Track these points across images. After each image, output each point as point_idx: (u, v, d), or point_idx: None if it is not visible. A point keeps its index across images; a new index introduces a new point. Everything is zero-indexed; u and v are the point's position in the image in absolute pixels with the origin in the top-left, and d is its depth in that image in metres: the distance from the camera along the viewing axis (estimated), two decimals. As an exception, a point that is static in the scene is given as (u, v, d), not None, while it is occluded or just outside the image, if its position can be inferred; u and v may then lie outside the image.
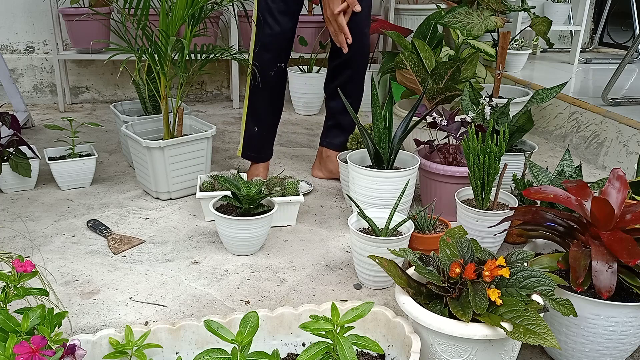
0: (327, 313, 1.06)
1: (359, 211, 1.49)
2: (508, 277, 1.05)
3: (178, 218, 1.86)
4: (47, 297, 1.05)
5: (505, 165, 1.60)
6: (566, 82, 2.01)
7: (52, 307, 0.98)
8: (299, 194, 1.78)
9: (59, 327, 0.95)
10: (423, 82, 2.19)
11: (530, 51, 3.44)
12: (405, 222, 1.49)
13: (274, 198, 1.69)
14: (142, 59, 1.83)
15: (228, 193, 1.66)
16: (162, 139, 1.93)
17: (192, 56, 1.92)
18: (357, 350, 1.12)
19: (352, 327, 0.99)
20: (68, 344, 0.90)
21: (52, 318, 0.94)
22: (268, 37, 1.91)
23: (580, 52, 3.70)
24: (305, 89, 3.20)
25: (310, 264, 1.59)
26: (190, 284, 1.48)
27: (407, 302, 1.07)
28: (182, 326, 1.11)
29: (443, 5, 3.07)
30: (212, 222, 1.81)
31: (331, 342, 0.97)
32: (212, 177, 1.83)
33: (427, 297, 1.10)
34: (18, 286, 0.98)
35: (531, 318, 0.97)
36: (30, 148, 2.04)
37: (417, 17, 3.39)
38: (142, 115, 2.27)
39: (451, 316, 1.02)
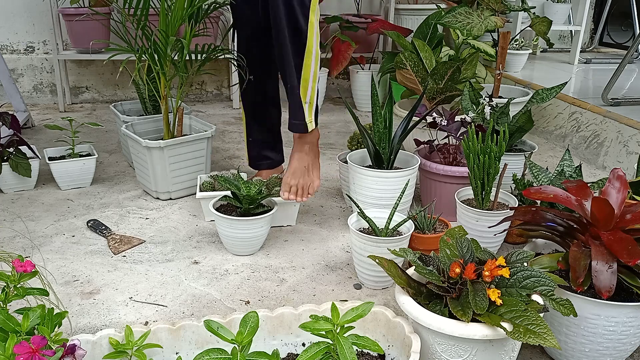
0: (327, 313, 1.06)
1: (359, 211, 1.49)
2: (508, 277, 1.05)
3: (178, 218, 1.86)
4: (47, 297, 1.05)
5: (505, 165, 1.60)
6: (566, 82, 2.01)
7: (52, 307, 0.98)
8: (299, 194, 1.78)
9: (59, 327, 0.95)
10: (423, 82, 2.19)
11: (530, 51, 3.44)
12: (405, 222, 1.49)
13: (274, 198, 1.69)
14: (142, 59, 1.83)
15: (228, 193, 1.66)
16: (162, 139, 1.93)
17: (192, 56, 1.92)
18: (357, 350, 1.12)
19: (352, 327, 0.99)
20: (68, 344, 0.90)
21: (52, 318, 0.94)
22: (239, 47, 1.89)
23: (580, 52, 3.70)
24: (305, 89, 3.20)
25: (310, 264, 1.59)
26: (190, 284, 1.48)
27: (407, 302, 1.07)
28: (182, 326, 1.11)
29: (443, 5, 3.07)
30: (212, 222, 1.81)
31: (331, 342, 0.97)
32: (212, 177, 1.83)
33: (427, 297, 1.10)
34: (18, 286, 0.98)
35: (531, 318, 0.97)
36: (30, 148, 2.04)
37: (417, 17, 3.39)
38: (142, 115, 2.27)
39: (451, 316, 1.02)
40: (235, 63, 1.93)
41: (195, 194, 1.87)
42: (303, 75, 1.69)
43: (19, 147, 2.01)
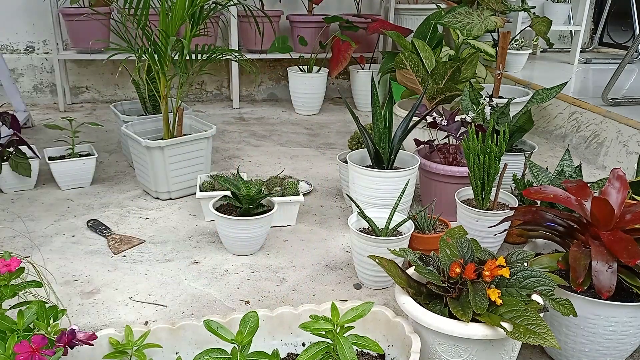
0: (327, 313, 1.05)
1: (359, 211, 1.49)
2: (508, 277, 1.05)
3: (178, 218, 1.86)
4: (46, 297, 1.05)
5: (505, 165, 1.60)
6: (566, 82, 2.01)
7: (50, 305, 0.98)
8: (299, 194, 1.78)
9: (54, 321, 0.95)
10: (423, 82, 2.19)
11: (530, 51, 3.44)
12: (405, 222, 1.49)
13: (274, 198, 1.69)
14: (142, 58, 1.83)
15: (228, 193, 1.66)
16: (162, 139, 1.93)
17: (193, 56, 1.92)
18: (357, 350, 1.12)
19: (352, 327, 0.99)
20: (68, 329, 0.89)
21: (46, 312, 0.93)
22: None
23: (580, 52, 3.70)
24: (305, 88, 3.20)
25: (310, 263, 1.59)
26: (190, 284, 1.48)
27: (407, 302, 1.07)
28: (182, 326, 1.11)
29: (443, 5, 3.07)
30: (212, 222, 1.81)
31: (331, 342, 0.97)
32: (212, 177, 1.83)
33: (427, 297, 1.10)
34: (9, 285, 0.98)
35: (531, 318, 0.97)
36: (30, 148, 2.03)
37: (417, 17, 3.39)
38: (142, 115, 2.27)
39: (451, 316, 1.02)
40: (237, 59, 1.93)
41: (195, 193, 1.87)
42: None
43: (19, 147, 2.01)
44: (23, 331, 0.91)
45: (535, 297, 1.05)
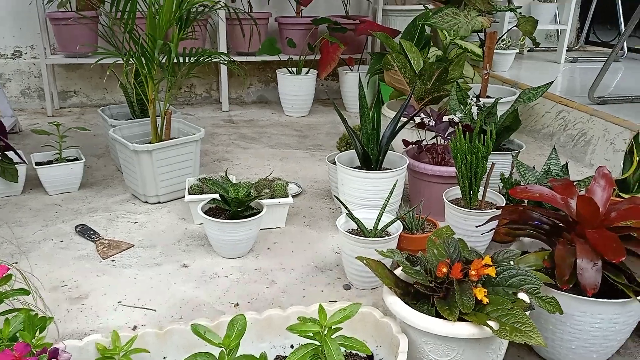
0: (315, 314, 1.05)
1: (347, 212, 1.49)
2: (494, 276, 1.05)
3: (167, 222, 1.85)
4: (34, 304, 1.05)
5: (493, 164, 1.61)
6: (552, 82, 2.02)
7: (36, 312, 0.97)
8: (288, 196, 1.78)
9: (40, 332, 0.94)
10: (411, 82, 2.20)
11: (517, 51, 3.46)
12: (393, 222, 1.49)
13: (262, 200, 1.69)
14: (130, 62, 1.82)
15: (216, 196, 1.66)
16: (150, 143, 1.92)
17: (180, 59, 1.92)
18: (345, 351, 1.12)
19: (340, 329, 0.99)
20: (50, 348, 0.89)
21: (33, 323, 0.93)
22: None
23: (567, 51, 3.72)
24: (295, 90, 3.21)
25: (300, 265, 1.59)
26: (179, 288, 1.48)
27: (395, 303, 1.07)
28: (170, 330, 1.11)
29: (431, 6, 3.08)
30: (201, 225, 1.81)
31: (319, 344, 0.97)
32: (201, 180, 1.82)
33: (414, 297, 1.11)
34: (-3, 292, 0.98)
35: (517, 316, 0.98)
36: (16, 153, 2.02)
37: (405, 18, 3.40)
38: (130, 118, 2.26)
39: (438, 316, 1.03)
40: (226, 62, 1.92)
41: (183, 197, 1.86)
42: None
43: (6, 152, 1.99)
44: (8, 340, 0.90)
45: (522, 295, 1.06)
